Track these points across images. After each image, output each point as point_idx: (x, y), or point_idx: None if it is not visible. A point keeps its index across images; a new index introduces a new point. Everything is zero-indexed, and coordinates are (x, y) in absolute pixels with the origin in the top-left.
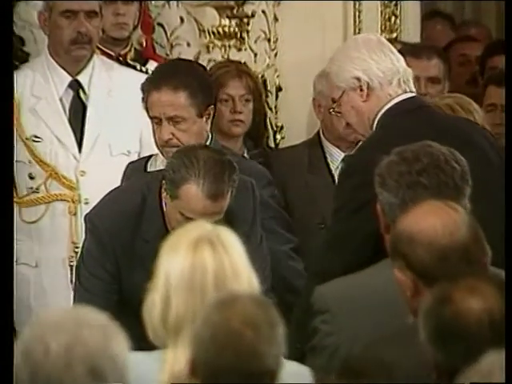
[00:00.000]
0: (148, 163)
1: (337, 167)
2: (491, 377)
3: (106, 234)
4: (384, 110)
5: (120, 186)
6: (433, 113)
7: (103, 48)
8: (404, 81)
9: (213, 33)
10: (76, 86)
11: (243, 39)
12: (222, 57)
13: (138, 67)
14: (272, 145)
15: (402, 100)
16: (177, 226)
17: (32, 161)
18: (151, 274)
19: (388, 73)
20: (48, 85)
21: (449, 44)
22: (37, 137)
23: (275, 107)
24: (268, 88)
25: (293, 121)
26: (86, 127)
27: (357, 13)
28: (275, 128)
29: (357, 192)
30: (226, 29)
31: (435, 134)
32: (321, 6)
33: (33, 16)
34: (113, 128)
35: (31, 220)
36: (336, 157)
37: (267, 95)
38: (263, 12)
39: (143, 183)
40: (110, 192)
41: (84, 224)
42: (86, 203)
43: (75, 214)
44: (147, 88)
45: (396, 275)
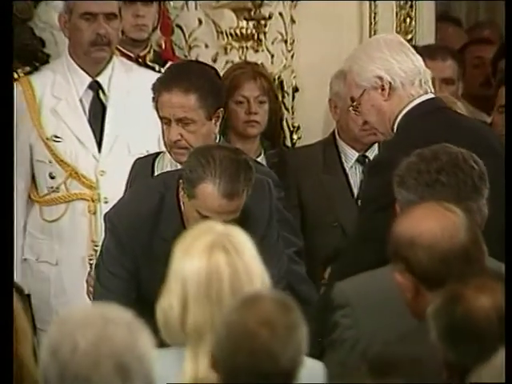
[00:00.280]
0: (156, 160)
1: (351, 167)
2: (504, 375)
3: (125, 233)
4: (406, 111)
5: (138, 186)
6: (452, 115)
7: (123, 49)
8: (424, 81)
9: (230, 34)
10: (96, 87)
11: (260, 41)
12: (240, 58)
13: (157, 68)
14: (289, 145)
15: (423, 101)
16: (194, 225)
17: (52, 160)
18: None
19: (410, 73)
20: (68, 86)
21: (464, 46)
22: (57, 137)
23: (292, 108)
24: (285, 89)
25: (309, 121)
26: (106, 127)
27: (372, 14)
28: (292, 128)
29: (383, 190)
30: (244, 30)
31: (455, 136)
32: (337, 8)
33: (53, 18)
34: (132, 128)
35: (51, 219)
36: (350, 157)
37: (284, 96)
38: (280, 14)
39: (161, 182)
40: (129, 191)
41: (103, 223)
42: (106, 202)
43: (95, 213)
44: (158, 88)
45: (396, 278)
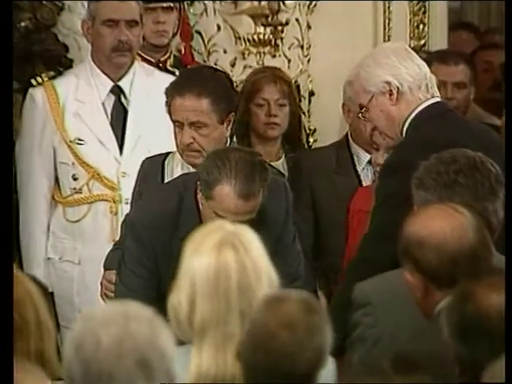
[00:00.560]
0: (165, 160)
1: (363, 168)
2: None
3: (146, 233)
4: (415, 114)
5: (158, 187)
6: (459, 117)
7: (144, 55)
8: (431, 86)
9: (248, 40)
10: (117, 91)
11: (277, 46)
12: (257, 63)
13: (177, 73)
14: (305, 147)
15: (431, 104)
16: None
17: (75, 163)
18: None
19: (416, 78)
20: (91, 90)
21: (474, 51)
22: (80, 140)
23: (308, 111)
24: (301, 93)
25: (325, 124)
26: (127, 130)
27: (386, 20)
28: (308, 131)
29: (401, 186)
30: (261, 36)
31: (463, 138)
32: (352, 14)
33: (76, 24)
34: (152, 131)
35: (74, 219)
36: (363, 159)
37: (300, 100)
38: (297, 20)
39: (180, 184)
40: (149, 192)
41: (124, 223)
42: (127, 203)
43: (116, 214)
44: (171, 93)
45: (406, 277)
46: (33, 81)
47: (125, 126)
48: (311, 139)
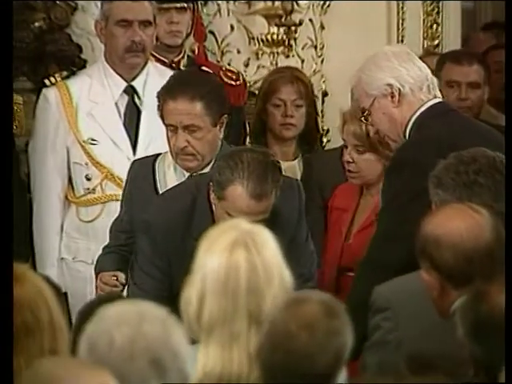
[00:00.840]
0: (156, 162)
1: None
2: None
3: (159, 233)
4: (418, 114)
5: (171, 187)
6: (462, 116)
7: (157, 55)
8: (432, 87)
9: (262, 40)
10: (131, 92)
11: (291, 46)
12: (271, 63)
13: None
14: (319, 147)
15: (433, 104)
16: None
17: (89, 163)
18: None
19: (418, 79)
20: (104, 90)
21: (486, 51)
22: (93, 140)
23: (321, 111)
24: (314, 93)
25: (338, 124)
26: (140, 130)
27: (400, 21)
28: (321, 131)
29: (407, 185)
30: (275, 36)
31: (468, 136)
32: (366, 14)
33: (90, 24)
34: (165, 131)
35: (88, 219)
36: None
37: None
38: (310, 20)
39: (193, 184)
40: (162, 193)
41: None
42: None
43: None
44: (163, 97)
45: (423, 276)
46: (46, 81)
47: (138, 127)
48: (324, 139)
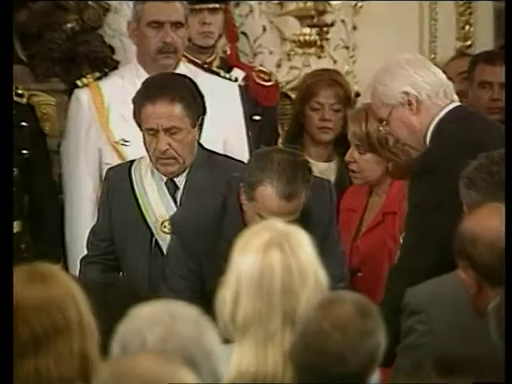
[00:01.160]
0: (132, 168)
1: None
2: None
3: (190, 234)
4: (438, 119)
5: (202, 189)
6: (483, 119)
7: (190, 56)
8: (449, 92)
9: (294, 41)
10: None
11: (323, 47)
12: (303, 64)
13: (222, 74)
14: None
15: (452, 108)
16: None
17: None
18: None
19: (434, 85)
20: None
21: None
22: (125, 141)
23: None
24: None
25: None
26: None
27: (432, 21)
28: None
29: (434, 188)
30: (307, 37)
31: (489, 138)
32: (398, 15)
33: (122, 25)
34: None
35: None
36: None
37: None
38: (342, 21)
39: (224, 185)
40: (194, 194)
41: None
42: None
43: None
44: (141, 101)
45: (460, 274)
46: (78, 82)
47: None
48: None
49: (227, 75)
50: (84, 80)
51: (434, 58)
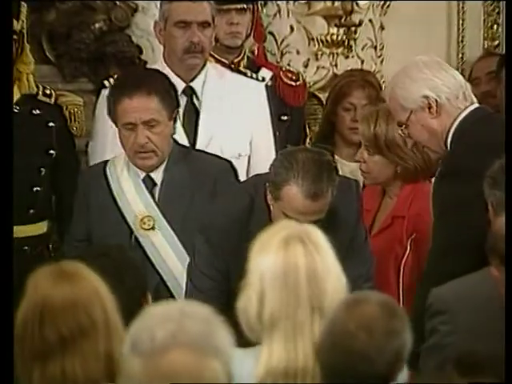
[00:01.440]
0: (106, 169)
1: None
2: None
3: (216, 234)
4: (458, 122)
5: (229, 189)
6: (502, 118)
7: (217, 56)
8: (468, 94)
9: (321, 41)
10: (190, 92)
11: (350, 47)
12: (330, 64)
13: (249, 74)
14: None
15: (472, 110)
16: None
17: None
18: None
19: (453, 88)
20: None
21: None
22: None
23: None
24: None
25: None
26: (199, 131)
27: (460, 21)
28: None
29: (462, 190)
30: (334, 37)
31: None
32: (425, 14)
33: (150, 25)
34: (224, 132)
35: None
36: None
37: None
38: (370, 21)
39: (251, 185)
40: (220, 193)
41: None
42: None
43: None
44: (116, 96)
45: (492, 273)
46: (106, 82)
47: (197, 127)
48: None
49: (254, 75)
50: (111, 80)
51: (462, 58)
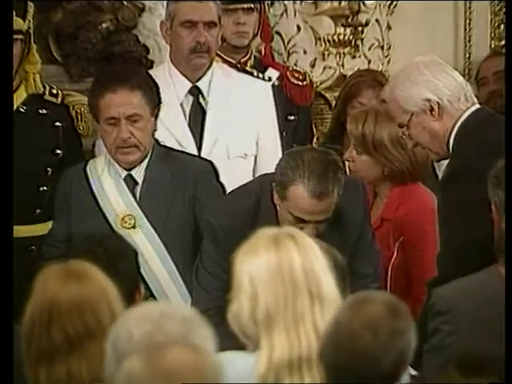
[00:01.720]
0: (87, 169)
1: None
2: None
3: (223, 234)
4: (460, 124)
5: (235, 188)
6: (503, 120)
7: (224, 56)
8: (469, 95)
9: (328, 41)
10: (196, 92)
11: (357, 47)
12: (337, 64)
13: (255, 73)
14: None
15: (474, 111)
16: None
17: None
18: None
19: (454, 90)
20: (169, 91)
21: None
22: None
23: None
24: None
25: None
26: (205, 131)
27: (467, 21)
28: None
29: (466, 195)
30: (341, 37)
31: None
32: (432, 15)
33: (157, 25)
34: (231, 132)
35: None
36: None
37: None
38: (377, 20)
39: (257, 185)
40: (227, 194)
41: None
42: None
43: None
44: (99, 91)
45: (501, 272)
46: None
47: (203, 127)
48: None
49: (261, 75)
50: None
51: (469, 58)
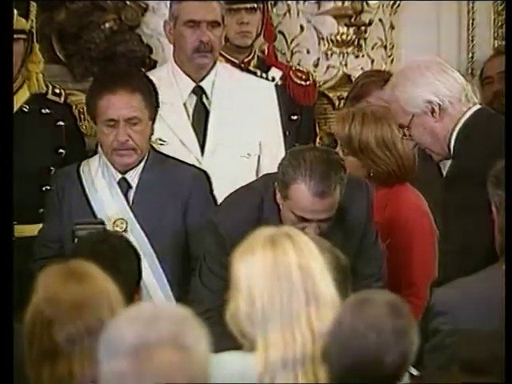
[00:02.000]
0: (80, 170)
1: None
2: None
3: (226, 233)
4: (461, 125)
5: (239, 188)
6: (504, 119)
7: (227, 55)
8: (470, 96)
9: (331, 40)
10: (199, 92)
11: (361, 46)
12: (340, 63)
13: (259, 73)
14: None
15: (475, 111)
16: (290, 226)
17: None
18: None
19: (455, 91)
20: (173, 91)
21: None
22: (162, 140)
23: None
24: None
25: None
26: (209, 131)
27: (470, 21)
28: None
29: (469, 196)
30: (344, 36)
31: None
32: (436, 14)
33: (160, 25)
34: (234, 132)
35: None
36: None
37: None
38: (380, 20)
39: (261, 184)
40: (231, 194)
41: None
42: None
43: None
44: (99, 92)
45: (503, 269)
46: None
47: (206, 127)
48: None
49: (264, 75)
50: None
51: (472, 57)
